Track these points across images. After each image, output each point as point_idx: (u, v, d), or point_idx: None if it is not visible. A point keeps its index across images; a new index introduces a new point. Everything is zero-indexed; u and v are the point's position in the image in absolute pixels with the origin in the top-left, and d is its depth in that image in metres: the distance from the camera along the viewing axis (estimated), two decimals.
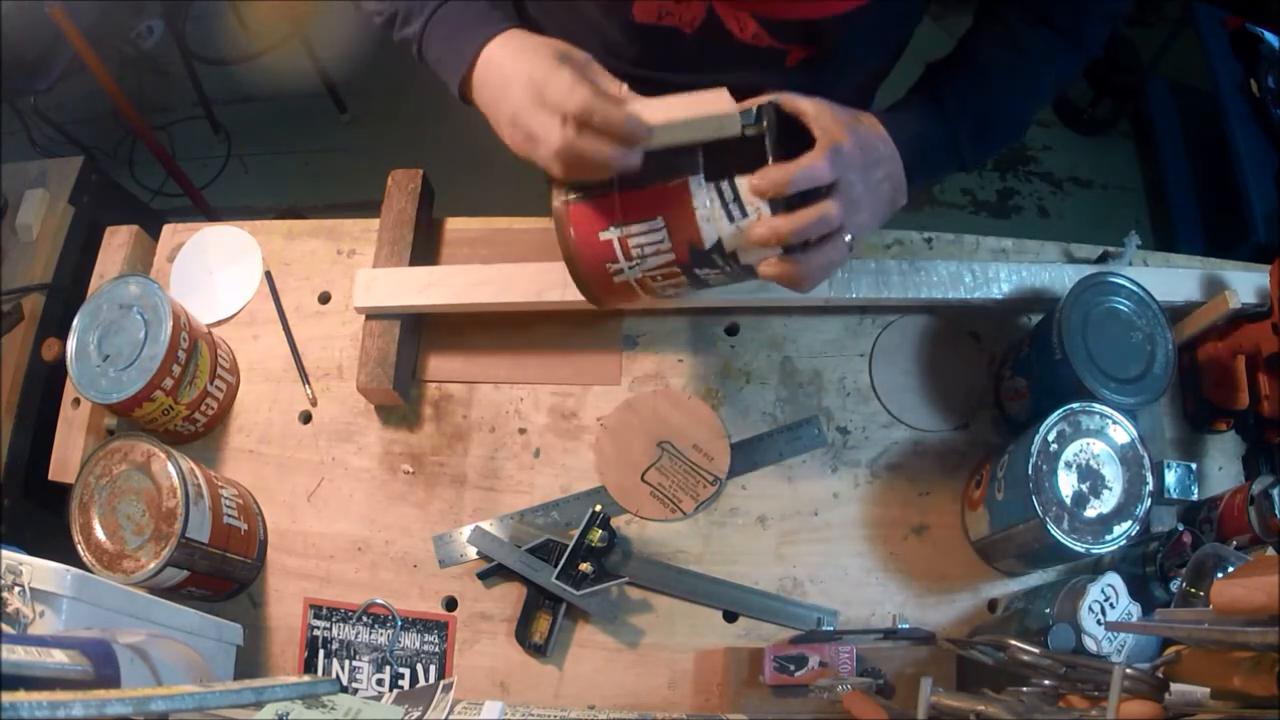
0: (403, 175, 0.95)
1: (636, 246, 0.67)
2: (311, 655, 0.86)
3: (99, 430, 0.91)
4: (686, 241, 0.66)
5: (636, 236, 0.66)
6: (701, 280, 0.70)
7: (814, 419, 0.90)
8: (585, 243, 0.68)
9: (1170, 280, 0.88)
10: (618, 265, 0.68)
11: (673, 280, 0.70)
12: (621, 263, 0.68)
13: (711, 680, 0.83)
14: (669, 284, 0.70)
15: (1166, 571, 0.78)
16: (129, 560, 0.75)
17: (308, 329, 0.96)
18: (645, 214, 0.66)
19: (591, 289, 0.71)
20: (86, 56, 1.66)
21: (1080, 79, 2.22)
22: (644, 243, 0.67)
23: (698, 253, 0.67)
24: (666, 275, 0.69)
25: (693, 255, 0.67)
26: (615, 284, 0.70)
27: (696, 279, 0.70)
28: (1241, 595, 0.47)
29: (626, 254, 0.67)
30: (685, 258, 0.67)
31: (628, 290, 0.71)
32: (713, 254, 0.66)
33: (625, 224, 0.66)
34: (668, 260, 0.67)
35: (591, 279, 0.70)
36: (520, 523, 0.87)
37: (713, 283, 0.71)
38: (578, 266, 0.69)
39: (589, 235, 0.67)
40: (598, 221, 0.67)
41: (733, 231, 0.65)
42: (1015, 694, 0.62)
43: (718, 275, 0.69)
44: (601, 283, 0.70)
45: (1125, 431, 0.77)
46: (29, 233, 1.28)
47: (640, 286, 0.71)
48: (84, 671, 0.49)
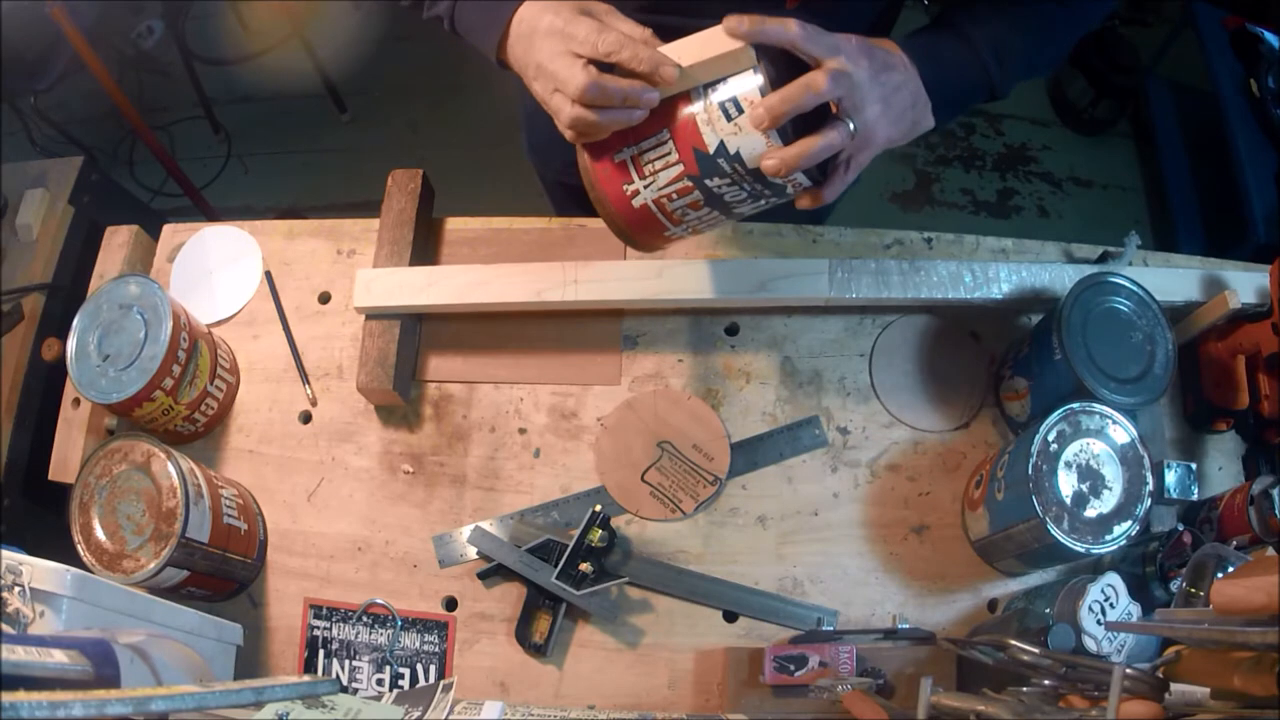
0: (403, 175, 0.95)
1: (648, 163, 0.69)
2: (311, 655, 0.86)
3: (99, 430, 0.91)
4: (691, 146, 0.68)
5: (648, 153, 0.69)
6: (716, 195, 0.70)
7: (814, 419, 0.90)
8: (602, 168, 0.71)
9: (1170, 280, 0.88)
10: (633, 185, 0.71)
11: (688, 198, 0.71)
12: (636, 182, 0.70)
13: (711, 680, 0.83)
14: (687, 204, 0.71)
15: (1166, 571, 0.78)
16: (129, 560, 0.75)
17: (308, 329, 0.96)
18: (652, 130, 0.69)
19: (617, 219, 0.73)
20: (86, 56, 1.66)
21: (1080, 79, 2.22)
22: (654, 157, 0.69)
23: (703, 158, 0.68)
24: (681, 192, 0.70)
25: (700, 162, 0.68)
26: (635, 209, 0.72)
27: (711, 194, 0.70)
28: (1241, 595, 0.47)
29: (640, 172, 0.70)
30: (694, 167, 0.68)
31: (650, 219, 0.73)
32: (718, 159, 0.67)
33: (637, 143, 0.69)
34: (678, 173, 0.69)
35: (615, 206, 0.72)
36: (520, 523, 0.87)
37: (729, 199, 0.71)
38: (600, 194, 0.72)
39: (606, 161, 0.71)
40: (612, 146, 0.70)
41: (731, 130, 0.66)
42: (1015, 694, 0.61)
43: (731, 188, 0.70)
44: (624, 209, 0.72)
45: (1125, 431, 0.77)
46: (29, 233, 1.28)
47: (660, 211, 0.72)
48: (84, 671, 0.49)
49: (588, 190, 0.73)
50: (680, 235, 0.76)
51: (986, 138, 2.31)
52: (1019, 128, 2.33)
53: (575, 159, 0.73)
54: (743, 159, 0.67)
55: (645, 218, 0.73)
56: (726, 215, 0.73)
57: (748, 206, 0.72)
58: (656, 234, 0.75)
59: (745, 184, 0.69)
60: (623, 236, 0.75)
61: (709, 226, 0.75)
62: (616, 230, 0.74)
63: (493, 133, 2.03)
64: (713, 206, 0.72)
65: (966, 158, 2.29)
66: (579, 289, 0.87)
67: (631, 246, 0.77)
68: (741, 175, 0.68)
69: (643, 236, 0.75)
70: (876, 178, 2.24)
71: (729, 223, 0.76)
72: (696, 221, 0.74)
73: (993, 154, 2.30)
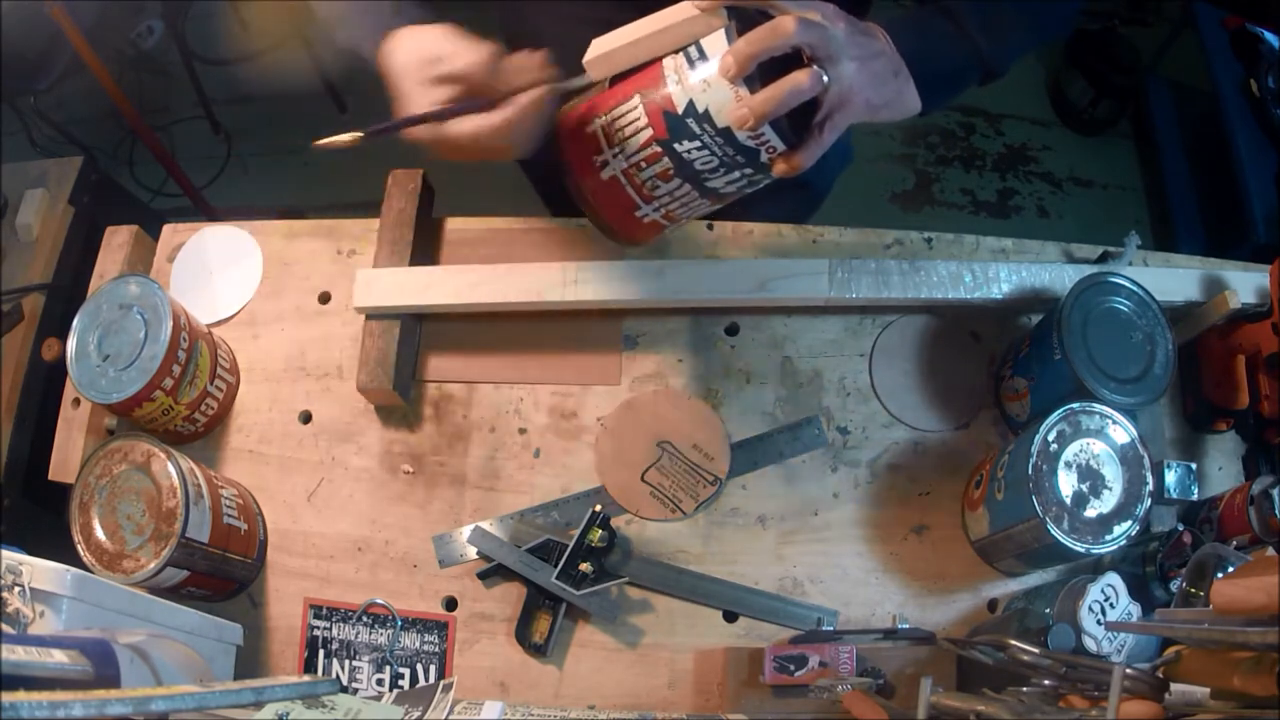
0: (403, 175, 0.95)
1: (618, 130, 0.69)
2: (311, 655, 0.86)
3: (99, 430, 0.91)
4: (660, 110, 0.67)
5: (617, 120, 0.69)
6: (686, 162, 0.68)
7: (814, 419, 0.90)
8: (574, 140, 0.71)
9: (1170, 280, 0.88)
10: (602, 155, 0.70)
11: (657, 166, 0.69)
12: (605, 152, 0.70)
13: (711, 680, 0.83)
14: (656, 175, 0.70)
15: (1166, 571, 0.78)
16: (129, 560, 0.75)
17: (308, 329, 0.96)
18: (623, 95, 0.69)
19: (585, 193, 0.72)
20: (86, 56, 1.66)
21: (1080, 79, 2.22)
22: (623, 124, 0.69)
23: (672, 119, 0.67)
24: (649, 159, 0.69)
25: (669, 124, 0.67)
26: (604, 181, 0.71)
27: (681, 161, 0.68)
28: (1241, 595, 0.47)
29: (609, 140, 0.69)
30: (662, 130, 0.67)
31: (618, 193, 0.71)
32: (687, 119, 0.66)
33: (608, 111, 0.69)
34: (646, 138, 0.68)
35: (583, 179, 0.72)
36: (520, 523, 0.87)
37: (699, 165, 0.69)
38: (569, 168, 0.72)
39: (578, 132, 0.70)
40: (584, 118, 0.70)
41: (700, 87, 0.65)
42: (1015, 694, 0.61)
43: (701, 152, 0.67)
44: (593, 183, 0.72)
45: (1125, 431, 0.77)
46: (29, 233, 1.28)
47: (629, 183, 0.70)
48: (84, 671, 0.49)
49: (564, 177, 0.71)
50: (654, 219, 0.74)
51: (986, 138, 2.31)
52: (1019, 128, 2.33)
53: (555, 164, 0.72)
54: (711, 117, 0.65)
55: (614, 191, 0.71)
56: (700, 192, 0.71)
57: (720, 179, 0.70)
58: (627, 214, 0.73)
59: (715, 147, 0.67)
60: (595, 220, 0.74)
61: (683, 209, 0.73)
62: (590, 214, 0.73)
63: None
64: (683, 178, 0.70)
65: (966, 158, 2.29)
66: (579, 289, 0.87)
67: (609, 236, 0.75)
68: (711, 137, 0.66)
69: (614, 217, 0.74)
70: (876, 178, 2.24)
71: (704, 208, 0.74)
72: (668, 199, 0.72)
73: (993, 154, 2.30)
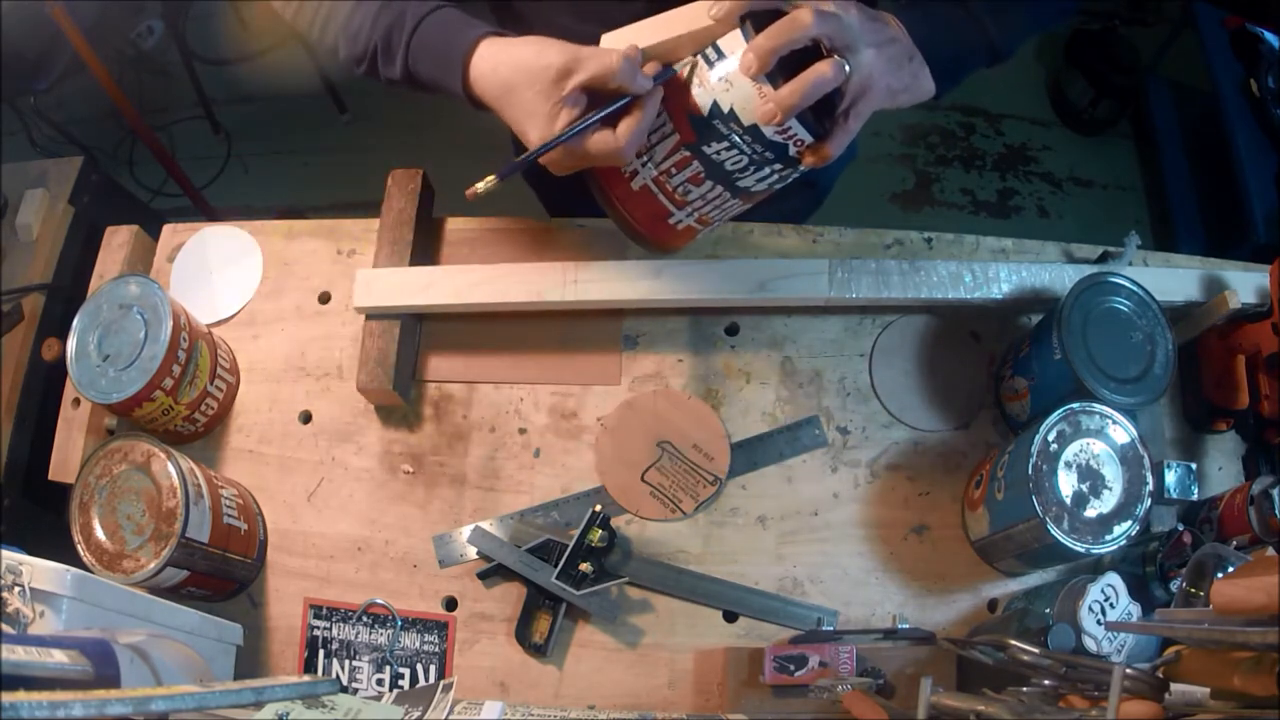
0: (403, 175, 0.95)
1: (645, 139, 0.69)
2: (311, 655, 0.86)
3: (99, 430, 0.91)
4: (685, 113, 0.67)
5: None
6: (716, 164, 0.69)
7: (814, 419, 0.90)
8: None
9: (1170, 280, 0.88)
10: (631, 166, 0.70)
11: (688, 171, 0.69)
12: (634, 162, 0.70)
13: (711, 680, 0.83)
14: (688, 179, 0.70)
15: (1166, 571, 0.78)
16: (129, 560, 0.75)
17: (308, 329, 0.96)
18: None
19: (618, 207, 0.72)
20: (86, 56, 1.66)
21: (1080, 79, 2.22)
22: (650, 132, 0.68)
23: (699, 122, 0.67)
24: (680, 165, 0.69)
25: (696, 128, 0.67)
26: (635, 192, 0.71)
27: (711, 164, 0.69)
28: (1241, 595, 0.47)
29: (637, 150, 0.69)
30: (690, 134, 0.67)
31: (650, 202, 0.71)
32: (713, 120, 0.66)
33: None
34: (674, 144, 0.68)
35: (614, 193, 0.72)
36: (520, 523, 0.87)
37: (730, 166, 0.69)
38: (600, 184, 0.71)
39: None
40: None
41: (723, 87, 0.65)
42: (1015, 694, 0.61)
43: (730, 152, 0.68)
44: (624, 195, 0.71)
45: (1125, 431, 0.77)
46: (29, 233, 1.28)
47: (661, 191, 0.70)
48: (84, 671, 0.49)
49: (590, 186, 0.72)
50: (688, 224, 0.74)
51: (986, 138, 2.31)
52: (1019, 128, 2.33)
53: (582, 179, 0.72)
54: (737, 115, 0.65)
55: (646, 200, 0.71)
56: (731, 192, 0.71)
57: (751, 178, 0.70)
58: (660, 221, 0.74)
59: (744, 146, 0.67)
60: (627, 229, 0.74)
61: (716, 211, 0.73)
62: (621, 224, 0.73)
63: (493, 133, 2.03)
64: (715, 180, 0.70)
65: (966, 158, 2.29)
66: (579, 289, 0.87)
67: (641, 244, 0.75)
68: (740, 135, 0.66)
69: (647, 226, 0.74)
70: (876, 178, 2.24)
71: (736, 209, 0.74)
72: (701, 203, 0.72)
73: (993, 154, 2.30)
